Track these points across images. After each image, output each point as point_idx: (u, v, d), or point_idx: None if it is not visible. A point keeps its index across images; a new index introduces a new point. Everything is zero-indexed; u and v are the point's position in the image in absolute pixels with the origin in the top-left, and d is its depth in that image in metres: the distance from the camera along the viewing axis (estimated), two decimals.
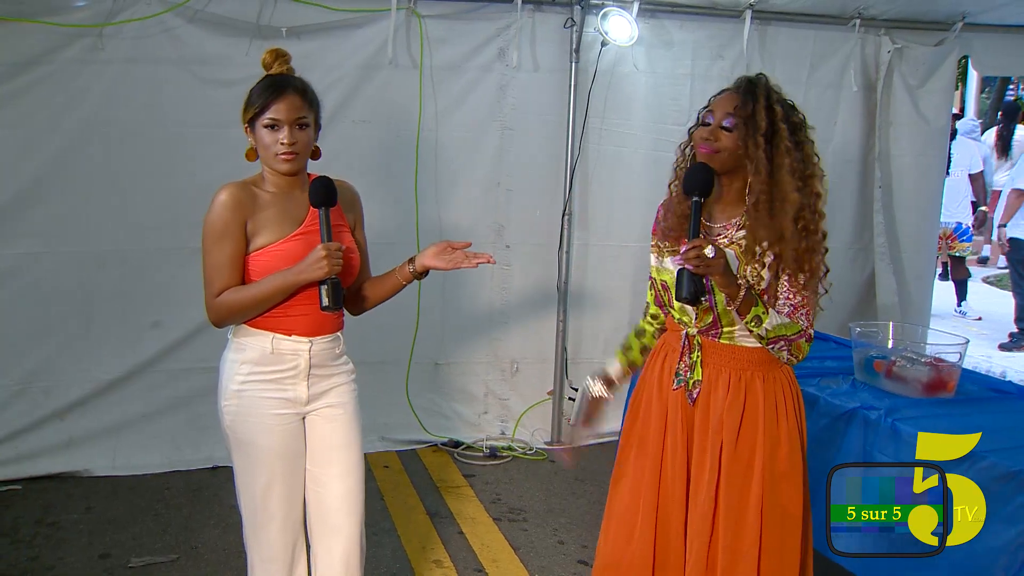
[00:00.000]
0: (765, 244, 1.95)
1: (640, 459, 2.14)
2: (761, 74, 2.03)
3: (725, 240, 2.01)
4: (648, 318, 2.28)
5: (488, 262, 2.23)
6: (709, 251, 1.86)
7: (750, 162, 1.95)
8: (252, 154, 2.16)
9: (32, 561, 3.04)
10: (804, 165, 1.95)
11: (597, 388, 2.26)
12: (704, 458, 2.03)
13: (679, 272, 1.89)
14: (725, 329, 2.03)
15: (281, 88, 2.09)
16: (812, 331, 2.00)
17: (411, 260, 2.27)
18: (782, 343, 1.97)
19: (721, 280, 1.92)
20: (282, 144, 2.08)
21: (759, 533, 1.97)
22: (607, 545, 2.19)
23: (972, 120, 8.45)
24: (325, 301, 2.05)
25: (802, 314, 1.98)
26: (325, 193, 2.08)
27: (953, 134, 6.87)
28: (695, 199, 1.95)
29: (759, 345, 2.02)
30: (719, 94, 2.04)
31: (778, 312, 1.97)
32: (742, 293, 1.93)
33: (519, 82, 3.98)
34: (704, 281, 1.91)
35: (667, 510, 2.09)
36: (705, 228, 2.05)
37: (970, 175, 7.11)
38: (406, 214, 3.88)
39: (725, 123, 1.97)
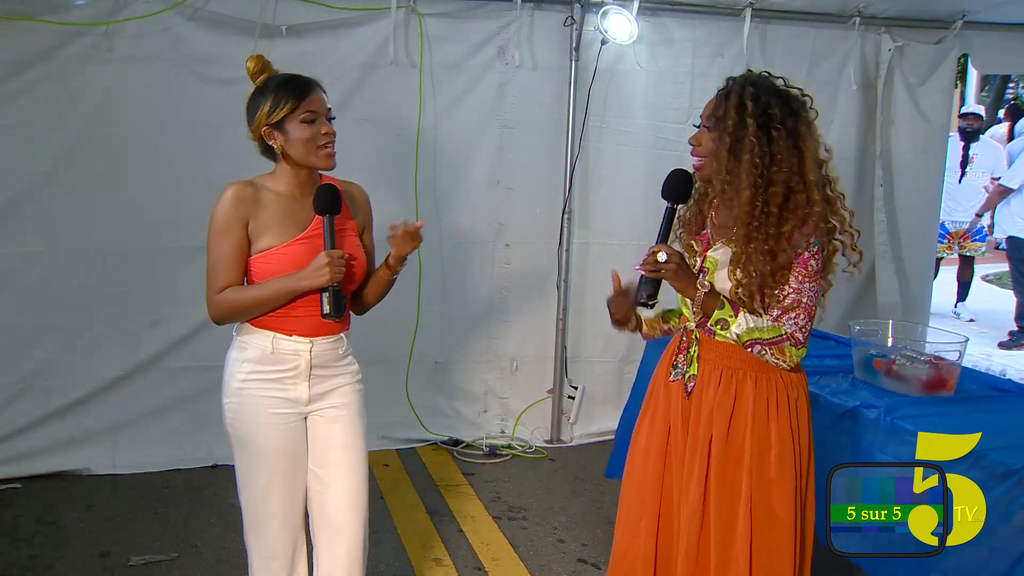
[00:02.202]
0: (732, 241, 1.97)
1: (647, 451, 2.15)
2: (749, 71, 2.05)
3: (726, 239, 2.01)
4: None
5: (417, 227, 2.17)
6: (661, 256, 1.92)
7: (713, 160, 1.97)
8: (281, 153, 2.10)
9: (32, 559, 3.04)
10: (769, 159, 1.91)
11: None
12: (695, 450, 2.04)
13: (640, 278, 1.97)
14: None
15: (307, 82, 2.10)
16: (802, 336, 1.95)
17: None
18: (759, 346, 1.96)
19: (675, 284, 1.98)
20: (325, 135, 2.09)
21: (749, 536, 1.97)
22: (617, 535, 2.21)
23: None
24: (326, 308, 2.06)
25: (789, 318, 1.94)
26: (330, 201, 2.08)
27: (975, 134, 6.81)
28: (668, 205, 2.02)
29: None
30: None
31: (764, 315, 1.96)
32: (699, 296, 1.97)
33: (519, 80, 3.98)
34: (659, 286, 1.97)
35: (669, 503, 2.10)
36: (714, 227, 2.08)
37: (992, 178, 6.87)
38: (406, 213, 3.87)
39: (703, 123, 2.02)
